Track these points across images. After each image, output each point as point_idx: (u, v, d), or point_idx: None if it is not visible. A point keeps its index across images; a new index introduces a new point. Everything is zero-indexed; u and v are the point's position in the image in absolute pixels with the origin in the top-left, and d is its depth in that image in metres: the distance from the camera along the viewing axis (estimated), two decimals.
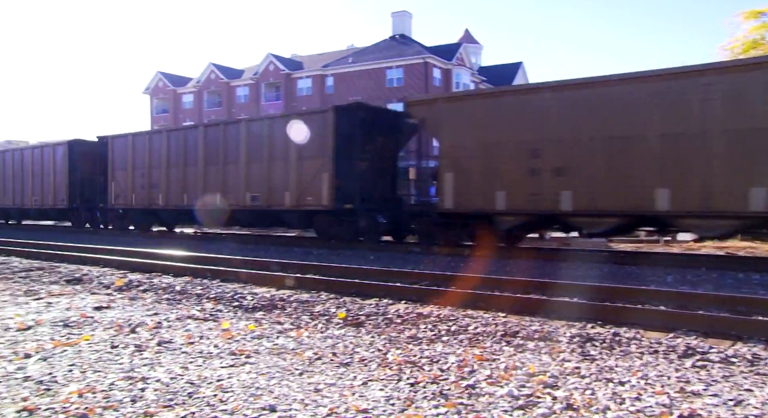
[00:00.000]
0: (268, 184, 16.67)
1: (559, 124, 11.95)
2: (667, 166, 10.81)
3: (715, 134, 10.41)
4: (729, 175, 10.27)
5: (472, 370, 4.27)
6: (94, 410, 3.46)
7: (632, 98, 11.18)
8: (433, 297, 7.09)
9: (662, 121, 10.88)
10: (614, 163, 11.39)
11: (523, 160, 12.40)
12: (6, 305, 7.13)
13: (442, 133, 13.73)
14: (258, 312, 6.71)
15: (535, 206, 12.34)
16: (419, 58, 45.77)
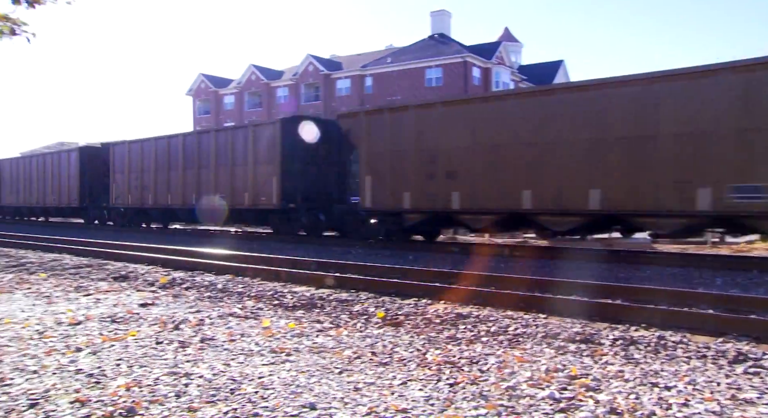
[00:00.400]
0: (232, 186, 19.02)
1: (451, 135, 13.81)
2: (529, 171, 12.56)
3: (563, 144, 12.13)
4: (574, 179, 11.92)
5: (512, 371, 4.23)
6: (141, 404, 3.55)
7: (507, 113, 13.04)
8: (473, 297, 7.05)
9: (527, 132, 12.64)
10: (491, 168, 13.17)
11: (424, 165, 14.31)
12: (59, 300, 7.39)
13: (362, 142, 15.60)
14: (298, 311, 6.78)
15: (433, 205, 14.24)
16: (458, 58, 45.51)
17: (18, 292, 8.04)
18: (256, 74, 57.71)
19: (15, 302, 7.29)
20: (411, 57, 48.21)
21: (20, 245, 15.20)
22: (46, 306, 6.98)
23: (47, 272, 10.13)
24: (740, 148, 10.22)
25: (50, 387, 3.90)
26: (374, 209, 15.39)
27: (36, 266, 11.01)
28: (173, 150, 21.63)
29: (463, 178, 13.57)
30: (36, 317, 6.24)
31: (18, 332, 5.56)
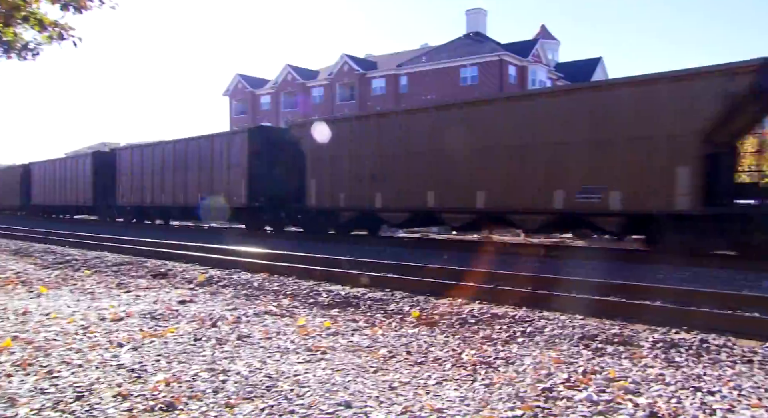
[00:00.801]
0: (211, 187, 21.53)
1: (374, 143, 16.03)
2: (432, 175, 14.75)
3: (458, 151, 14.27)
4: (466, 182, 14.04)
5: (548, 373, 4.17)
6: (180, 399, 3.63)
7: (415, 125, 15.45)
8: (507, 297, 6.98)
9: (430, 141, 14.84)
10: (404, 173, 15.38)
11: (354, 170, 16.47)
12: (101, 296, 7.60)
13: (308, 149, 17.88)
14: (333, 309, 6.82)
15: (361, 204, 16.40)
16: (494, 56, 45.12)
17: (64, 288, 8.29)
18: (292, 74, 58.23)
19: (61, 297, 7.52)
20: (446, 56, 47.99)
21: (65, 242, 15.67)
22: (90, 302, 7.18)
23: (90, 269, 10.42)
24: (583, 157, 12.16)
25: (94, 381, 4.01)
26: (317, 207, 17.77)
27: (80, 263, 11.34)
28: (166, 155, 24.42)
29: (384, 181, 15.83)
30: (81, 313, 6.43)
31: (64, 326, 5.73)
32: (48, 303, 7.09)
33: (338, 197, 16.99)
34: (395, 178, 15.51)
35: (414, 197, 15.11)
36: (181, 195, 23.26)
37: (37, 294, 7.76)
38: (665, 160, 11.13)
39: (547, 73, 48.93)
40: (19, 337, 5.27)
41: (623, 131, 11.62)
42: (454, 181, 14.27)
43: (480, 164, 13.80)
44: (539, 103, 13.26)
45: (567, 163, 12.35)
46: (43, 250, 13.84)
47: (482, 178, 13.70)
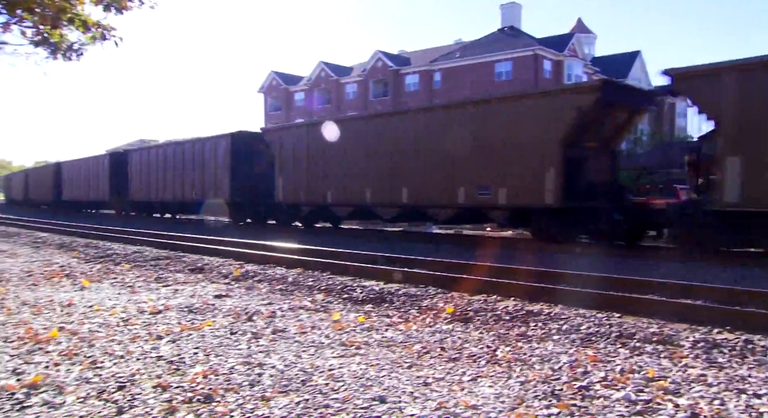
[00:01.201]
0: (203, 184, 24.44)
1: (326, 147, 18.68)
2: (368, 174, 17.30)
3: (386, 154, 16.79)
4: (393, 181, 16.63)
5: (585, 371, 4.11)
6: (217, 391, 3.69)
7: (354, 132, 18.08)
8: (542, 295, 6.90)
9: (365, 146, 17.46)
10: (348, 172, 17.98)
11: (311, 169, 19.26)
12: (141, 290, 7.78)
13: (277, 152, 20.64)
14: (367, 305, 6.84)
15: (316, 200, 19.21)
16: (529, 51, 44.58)
17: (105, 281, 8.51)
18: (326, 71, 58.54)
19: (103, 290, 7.73)
20: (480, 51, 47.61)
21: (106, 237, 16.08)
22: (130, 295, 7.35)
23: (130, 263, 10.66)
24: (476, 160, 14.59)
25: (135, 372, 4.11)
26: (284, 202, 20.56)
27: (120, 257, 11.62)
28: (168, 156, 27.25)
29: (333, 179, 18.49)
30: (121, 306, 6.59)
31: (106, 319, 5.89)
32: (91, 296, 7.29)
33: (299, 193, 19.84)
34: (341, 178, 18.31)
35: (355, 194, 17.88)
36: (179, 191, 26.16)
37: (80, 287, 7.99)
38: (536, 163, 13.35)
39: (583, 67, 48.14)
40: (65, 328, 5.44)
41: (503, 139, 14.07)
42: (385, 180, 16.94)
43: (403, 166, 16.46)
44: (438, 115, 16.00)
45: (465, 166, 14.80)
46: (86, 244, 14.22)
47: (405, 178, 16.42)
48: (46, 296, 7.26)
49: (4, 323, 5.75)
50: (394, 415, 3.33)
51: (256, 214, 22.78)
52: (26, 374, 4.07)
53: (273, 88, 63.43)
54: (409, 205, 16.42)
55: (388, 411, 3.39)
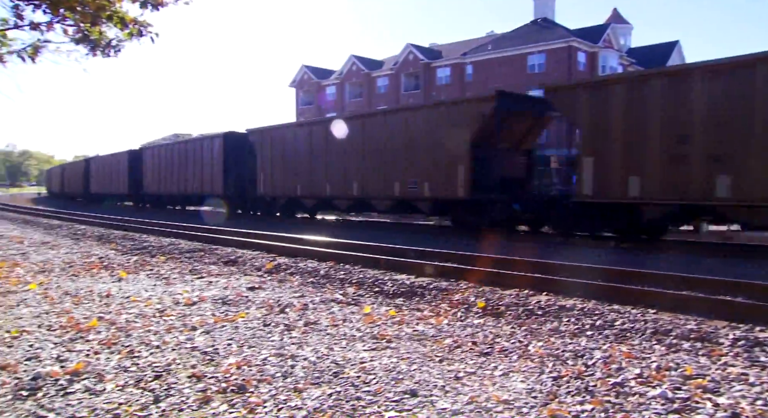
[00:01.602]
0: (201, 179, 27.31)
1: (296, 147, 21.64)
2: (327, 171, 20.19)
3: (340, 154, 19.64)
4: (346, 176, 19.37)
5: (619, 367, 4.05)
6: (251, 382, 3.74)
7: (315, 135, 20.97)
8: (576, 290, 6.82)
9: (326, 147, 20.19)
10: (311, 168, 20.95)
11: (285, 166, 22.20)
12: (176, 281, 7.92)
13: (258, 151, 23.82)
14: (398, 298, 6.85)
15: (290, 193, 22.19)
16: (562, 43, 43.88)
17: (142, 273, 8.69)
18: (357, 65, 58.57)
19: (140, 282, 7.90)
20: (513, 43, 47.05)
21: (142, 229, 16.42)
22: (165, 287, 7.50)
23: (165, 255, 10.87)
24: (408, 158, 17.13)
25: (171, 362, 4.19)
26: (265, 195, 23.57)
27: (156, 249, 11.85)
28: (174, 154, 30.39)
29: (302, 176, 21.29)
30: (157, 297, 6.73)
31: (142, 309, 6.02)
32: (127, 287, 7.46)
33: (276, 187, 22.82)
34: (307, 174, 21.05)
35: (318, 188, 20.63)
36: (183, 185, 29.29)
37: (117, 278, 8.18)
38: (451, 161, 15.80)
39: (618, 58, 47.19)
40: (104, 318, 5.58)
41: (426, 141, 16.52)
42: (340, 176, 19.57)
43: (353, 164, 19.10)
44: (379, 120, 18.82)
45: (399, 164, 17.38)
46: (122, 236, 14.55)
47: (355, 175, 19.04)
48: (86, 286, 7.46)
49: (48, 312, 5.93)
50: (426, 409, 3.34)
51: (245, 206, 25.71)
52: (69, 362, 4.19)
53: (304, 83, 63.74)
54: (358, 197, 19.11)
55: (420, 405, 3.39)
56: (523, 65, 45.48)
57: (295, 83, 64.79)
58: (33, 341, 4.78)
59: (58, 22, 8.18)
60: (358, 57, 59.29)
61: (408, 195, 17.19)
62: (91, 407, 3.36)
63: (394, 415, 3.23)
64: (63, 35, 8.46)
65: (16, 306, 6.24)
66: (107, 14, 7.86)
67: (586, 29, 47.07)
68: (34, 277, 8.25)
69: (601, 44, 45.50)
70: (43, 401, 3.47)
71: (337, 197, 19.96)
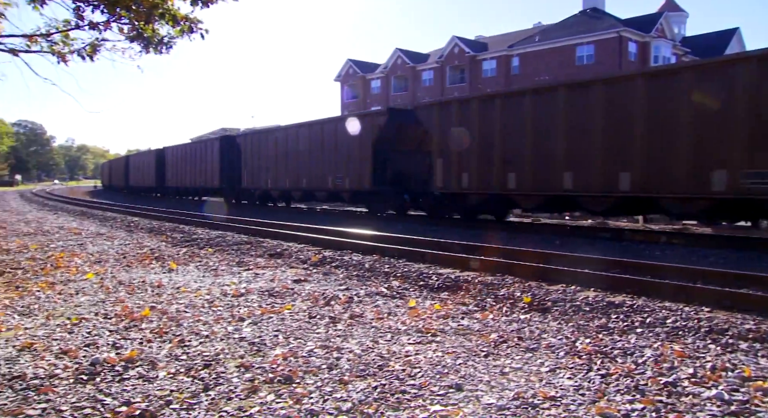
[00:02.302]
0: (205, 175, 32.00)
1: (269, 148, 25.59)
2: (287, 169, 24.02)
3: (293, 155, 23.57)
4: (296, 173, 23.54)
5: (671, 366, 3.94)
6: (297, 373, 3.80)
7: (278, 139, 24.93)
8: (625, 286, 6.66)
9: (286, 149, 24.11)
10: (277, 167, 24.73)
11: (260, 164, 26.32)
12: (224, 273, 8.10)
13: (243, 150, 28.03)
14: (443, 292, 6.83)
15: (262, 186, 26.50)
16: (612, 33, 42.72)
17: (191, 264, 8.92)
18: (402, 58, 58.44)
19: (189, 273, 8.10)
20: (560, 34, 46.08)
21: (191, 222, 16.83)
22: (214, 278, 7.67)
23: (214, 248, 11.11)
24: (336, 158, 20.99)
25: (219, 351, 4.29)
26: (247, 188, 27.68)
27: (204, 241, 12.13)
28: (186, 154, 35.67)
29: (271, 172, 25.18)
30: (206, 288, 6.89)
31: (192, 300, 6.18)
32: (177, 278, 7.67)
33: (253, 181, 26.96)
34: (274, 171, 24.93)
35: (281, 182, 24.41)
36: (193, 179, 34.33)
37: (168, 269, 8.41)
38: (362, 159, 19.69)
39: (671, 48, 45.67)
40: (156, 308, 5.75)
41: (348, 144, 20.40)
42: (293, 172, 23.64)
43: (302, 164, 23.03)
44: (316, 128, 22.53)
45: (332, 162, 21.14)
46: (173, 228, 14.94)
47: (303, 172, 22.99)
48: (139, 277, 7.70)
49: (104, 300, 6.16)
50: (471, 403, 3.32)
51: (235, 196, 29.96)
52: (124, 349, 4.35)
53: (349, 77, 63.99)
54: (306, 189, 23.17)
55: (465, 399, 3.38)
56: (572, 57, 44.51)
57: (340, 77, 65.12)
58: (91, 328, 4.97)
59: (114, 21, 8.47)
60: (404, 50, 59.14)
61: (336, 187, 21.27)
62: (144, 394, 3.47)
63: (439, 409, 3.23)
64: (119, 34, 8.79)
65: (76, 294, 6.50)
66: (160, 12, 8.09)
67: (637, 18, 45.70)
68: (91, 267, 8.56)
69: (654, 34, 44.11)
70: (101, 385, 3.61)
71: (293, 189, 23.95)
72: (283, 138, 24.68)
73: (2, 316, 5.49)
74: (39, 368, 3.91)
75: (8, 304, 6.01)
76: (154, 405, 3.29)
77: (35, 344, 4.48)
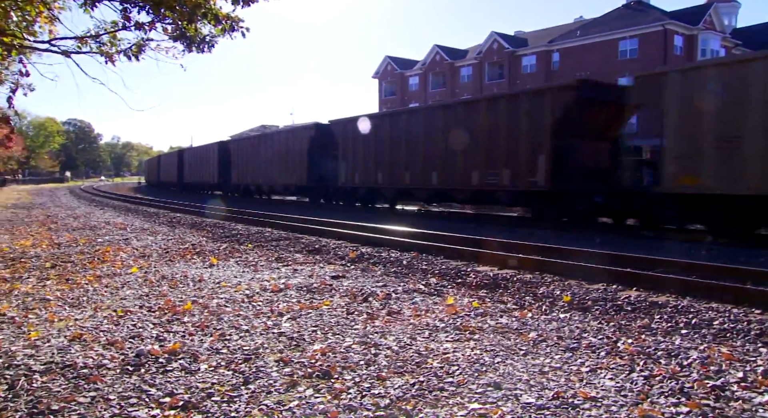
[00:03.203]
0: (210, 173, 38.01)
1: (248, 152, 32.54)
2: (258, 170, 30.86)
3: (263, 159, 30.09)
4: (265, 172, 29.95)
5: (719, 369, 3.82)
6: (335, 368, 3.82)
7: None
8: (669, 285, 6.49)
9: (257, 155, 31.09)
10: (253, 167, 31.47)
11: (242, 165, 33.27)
12: (263, 269, 8.21)
13: (232, 154, 35.09)
14: (481, 290, 6.78)
15: (244, 182, 33.26)
16: (657, 26, 41.59)
17: (231, 260, 9.07)
18: (440, 54, 58.14)
19: (229, 268, 8.24)
20: (603, 29, 45.11)
21: (231, 218, 17.12)
22: (253, 274, 7.79)
23: (253, 243, 11.28)
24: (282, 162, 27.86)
25: (259, 346, 4.35)
26: (234, 184, 33.99)
27: (244, 237, 12.32)
28: (201, 154, 41.33)
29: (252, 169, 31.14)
30: (245, 283, 7.00)
31: (232, 295, 6.29)
32: (218, 273, 7.81)
33: (238, 178, 33.10)
34: (254, 169, 30.65)
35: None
36: (201, 176, 40.52)
37: (209, 264, 8.58)
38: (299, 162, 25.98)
39: (720, 41, 44.19)
40: (197, 302, 5.87)
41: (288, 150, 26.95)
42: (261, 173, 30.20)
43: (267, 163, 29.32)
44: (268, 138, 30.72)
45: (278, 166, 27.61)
46: (213, 224, 15.22)
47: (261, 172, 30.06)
48: (181, 271, 7.87)
49: (148, 294, 6.32)
50: (510, 402, 3.29)
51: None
52: (167, 342, 4.45)
53: (387, 73, 64.00)
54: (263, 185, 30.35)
55: (503, 398, 3.35)
56: (614, 51, 43.55)
57: (378, 74, 65.18)
58: (136, 321, 5.10)
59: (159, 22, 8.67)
60: (442, 46, 58.83)
61: (278, 183, 25.87)
62: (187, 385, 3.55)
63: (477, 407, 3.21)
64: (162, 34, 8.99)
65: (121, 288, 6.69)
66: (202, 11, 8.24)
67: (684, 10, 44.39)
68: (135, 261, 8.79)
69: (701, 26, 42.78)
70: (146, 376, 3.71)
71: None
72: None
73: (55, 307, 5.69)
74: (88, 358, 4.04)
75: (60, 295, 6.23)
76: (196, 397, 3.36)
77: (84, 334, 4.63)
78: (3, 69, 14.36)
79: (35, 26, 9.14)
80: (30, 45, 9.66)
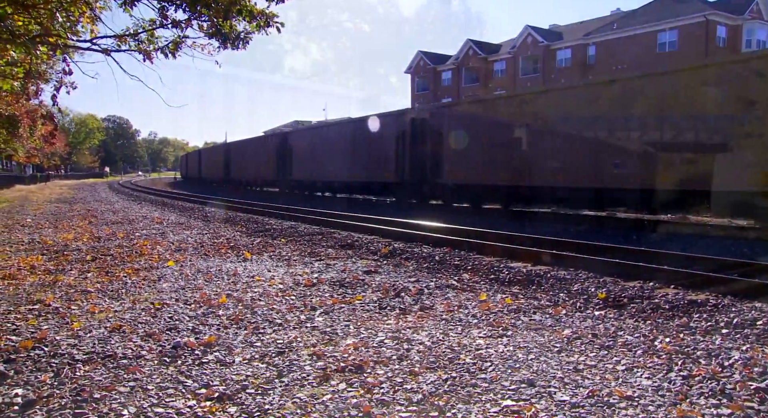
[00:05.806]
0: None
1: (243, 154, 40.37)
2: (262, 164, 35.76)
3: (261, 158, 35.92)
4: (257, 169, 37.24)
5: (763, 371, 3.71)
6: (368, 363, 3.84)
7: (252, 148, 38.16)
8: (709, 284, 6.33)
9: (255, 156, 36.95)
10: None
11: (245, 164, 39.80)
12: (296, 263, 8.29)
13: (231, 153, 43.07)
14: (514, 286, 6.72)
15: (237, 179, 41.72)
16: (699, 17, 40.46)
17: (265, 254, 9.17)
18: (474, 49, 57.67)
19: (263, 262, 8.34)
20: (641, 21, 44.08)
21: (264, 213, 17.31)
22: (286, 268, 7.86)
23: (286, 238, 11.39)
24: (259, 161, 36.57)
25: (292, 339, 4.40)
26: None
27: (277, 232, 12.44)
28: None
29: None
30: (279, 277, 7.08)
31: (266, 289, 6.36)
32: (252, 267, 7.91)
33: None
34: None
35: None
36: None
37: (243, 258, 8.69)
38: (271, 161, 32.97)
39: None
40: (232, 295, 5.96)
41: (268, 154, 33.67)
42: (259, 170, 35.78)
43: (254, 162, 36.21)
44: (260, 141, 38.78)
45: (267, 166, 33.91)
46: (247, 219, 15.41)
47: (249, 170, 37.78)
48: (216, 265, 8.00)
49: (184, 287, 6.44)
50: (544, 400, 3.26)
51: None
52: (202, 334, 4.53)
53: (420, 69, 63.77)
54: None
55: (537, 395, 3.32)
56: (653, 44, 42.52)
57: (411, 69, 65.00)
58: (172, 313, 5.21)
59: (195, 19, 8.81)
60: (475, 41, 58.35)
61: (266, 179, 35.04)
62: (222, 377, 3.61)
63: (510, 404, 3.19)
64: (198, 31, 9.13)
65: (158, 281, 6.83)
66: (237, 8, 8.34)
67: (728, 0, 43.09)
68: (171, 255, 8.97)
69: (747, 16, 41.43)
70: (182, 368, 3.78)
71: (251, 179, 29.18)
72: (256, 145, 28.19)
73: (95, 299, 5.85)
74: (127, 349, 4.14)
75: (100, 288, 6.39)
76: (231, 389, 3.42)
77: (123, 326, 4.75)
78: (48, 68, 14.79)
79: (78, 26, 9.39)
80: (73, 44, 9.94)
